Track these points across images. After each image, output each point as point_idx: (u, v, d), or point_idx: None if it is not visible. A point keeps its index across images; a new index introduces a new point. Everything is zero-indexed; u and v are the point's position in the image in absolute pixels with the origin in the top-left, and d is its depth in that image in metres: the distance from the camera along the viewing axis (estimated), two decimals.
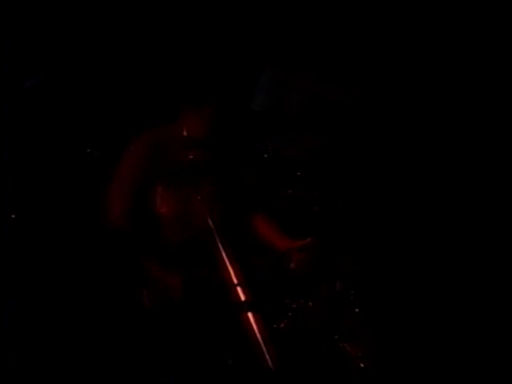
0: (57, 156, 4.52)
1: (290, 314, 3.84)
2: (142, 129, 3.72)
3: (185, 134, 3.55)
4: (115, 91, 4.70)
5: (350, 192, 4.53)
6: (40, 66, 4.59)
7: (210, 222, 3.00)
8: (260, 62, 4.94)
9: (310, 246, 3.50)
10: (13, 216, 4.22)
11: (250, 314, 2.89)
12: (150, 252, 3.42)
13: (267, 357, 2.82)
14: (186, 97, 3.60)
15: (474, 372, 4.02)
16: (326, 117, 4.80)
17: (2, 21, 4.26)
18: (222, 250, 2.97)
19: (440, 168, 4.73)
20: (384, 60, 4.87)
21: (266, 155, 4.68)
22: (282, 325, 3.79)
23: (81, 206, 4.37)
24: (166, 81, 4.55)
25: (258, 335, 2.84)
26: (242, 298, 2.93)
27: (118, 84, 4.71)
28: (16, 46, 4.42)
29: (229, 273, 2.94)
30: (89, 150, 4.51)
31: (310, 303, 3.90)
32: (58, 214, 4.42)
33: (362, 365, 3.83)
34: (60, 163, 4.52)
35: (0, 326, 3.75)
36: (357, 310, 3.99)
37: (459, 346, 4.16)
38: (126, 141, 3.65)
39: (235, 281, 2.94)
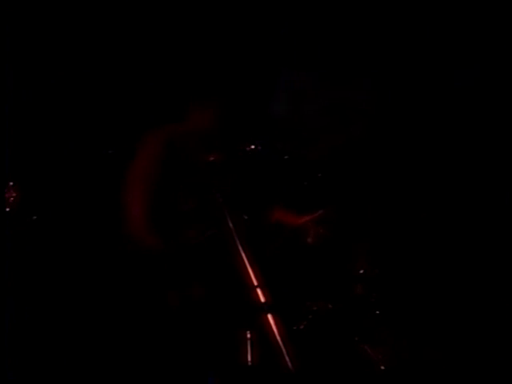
0: (73, 156, 4.54)
1: (310, 316, 3.84)
2: (154, 127, 3.72)
3: (197, 130, 3.56)
4: (127, 89, 4.70)
5: (368, 194, 4.52)
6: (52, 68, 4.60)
7: (229, 222, 3.00)
8: (269, 63, 4.92)
9: (324, 218, 3.60)
10: (34, 217, 4.24)
11: (269, 316, 2.88)
12: (171, 251, 3.44)
13: (287, 358, 2.82)
14: (194, 94, 3.62)
15: (496, 373, 4.00)
16: (342, 118, 4.80)
17: (2, 22, 4.26)
18: (241, 251, 2.96)
19: (453, 165, 4.71)
20: (394, 61, 4.85)
21: (286, 156, 4.67)
22: (301, 326, 3.79)
23: (99, 206, 4.38)
24: (174, 79, 4.56)
25: (278, 337, 2.83)
26: (262, 299, 2.93)
27: (128, 82, 4.71)
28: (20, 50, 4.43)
29: (249, 274, 2.94)
30: (110, 151, 4.52)
31: (330, 305, 3.90)
32: (77, 214, 4.43)
33: (382, 367, 3.82)
34: (77, 164, 4.54)
35: (1, 326, 3.75)
36: (377, 311, 3.99)
37: (481, 348, 4.14)
38: (139, 139, 3.66)
39: (255, 282, 2.93)
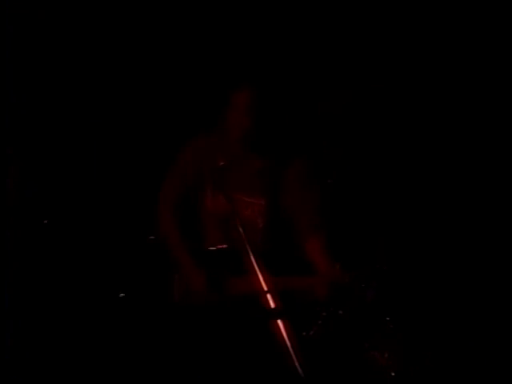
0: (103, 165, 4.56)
1: (319, 322, 3.84)
2: (189, 136, 3.75)
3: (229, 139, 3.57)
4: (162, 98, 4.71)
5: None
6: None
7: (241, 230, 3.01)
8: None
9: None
10: (45, 221, 4.27)
11: (279, 322, 2.89)
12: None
13: (296, 364, 2.82)
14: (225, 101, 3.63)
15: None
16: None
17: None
18: (252, 257, 2.97)
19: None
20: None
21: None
22: (311, 332, 3.79)
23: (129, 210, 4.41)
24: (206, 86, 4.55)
25: (288, 342, 2.84)
26: (272, 305, 2.93)
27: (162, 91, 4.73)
28: None
29: (258, 279, 2.95)
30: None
31: (341, 311, 3.89)
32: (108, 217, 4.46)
33: (392, 374, 3.82)
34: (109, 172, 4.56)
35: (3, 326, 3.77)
36: (388, 318, 3.98)
37: (494, 358, 4.12)
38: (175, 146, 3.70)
39: (265, 288, 2.94)
